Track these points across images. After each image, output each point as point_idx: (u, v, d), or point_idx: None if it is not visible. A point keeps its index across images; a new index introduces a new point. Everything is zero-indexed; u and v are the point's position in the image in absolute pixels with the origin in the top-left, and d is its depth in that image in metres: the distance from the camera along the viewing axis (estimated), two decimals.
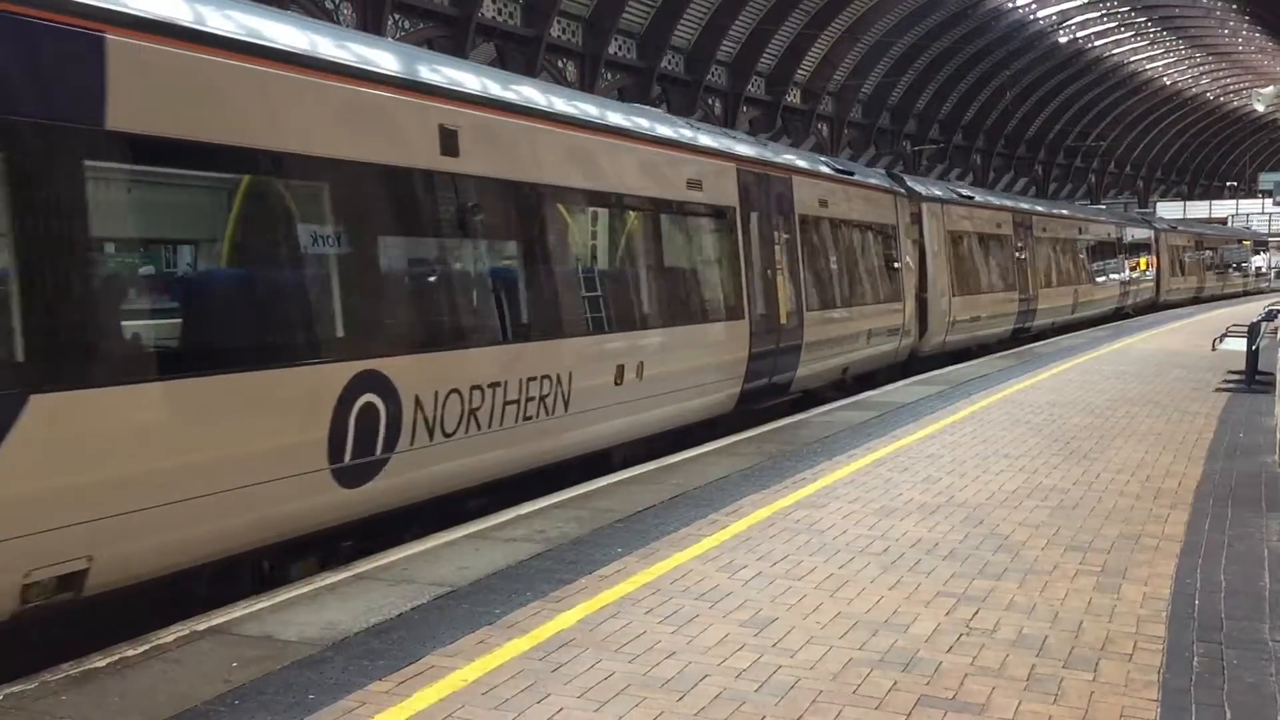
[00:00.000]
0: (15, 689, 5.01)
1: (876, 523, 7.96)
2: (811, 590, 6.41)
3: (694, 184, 12.53)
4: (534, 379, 9.15)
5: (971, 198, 24.43)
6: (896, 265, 19.02)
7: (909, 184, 20.79)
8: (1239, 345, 17.72)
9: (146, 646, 5.53)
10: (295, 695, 4.94)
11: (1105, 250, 34.65)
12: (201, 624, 5.86)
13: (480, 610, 6.07)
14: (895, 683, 5.07)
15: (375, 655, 5.42)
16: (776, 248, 14.34)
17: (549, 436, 9.49)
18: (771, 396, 14.25)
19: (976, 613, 6.01)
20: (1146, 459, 10.39)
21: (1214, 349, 20.90)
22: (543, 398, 9.27)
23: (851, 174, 18.11)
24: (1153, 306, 39.95)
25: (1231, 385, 15.92)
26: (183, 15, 6.48)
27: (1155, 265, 40.89)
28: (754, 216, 13.83)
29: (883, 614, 6.00)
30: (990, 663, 5.30)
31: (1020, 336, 26.06)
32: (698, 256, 12.98)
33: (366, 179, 7.66)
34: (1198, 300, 46.74)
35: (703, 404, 12.49)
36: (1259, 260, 65.60)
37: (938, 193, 22.14)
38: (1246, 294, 56.08)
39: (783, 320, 14.30)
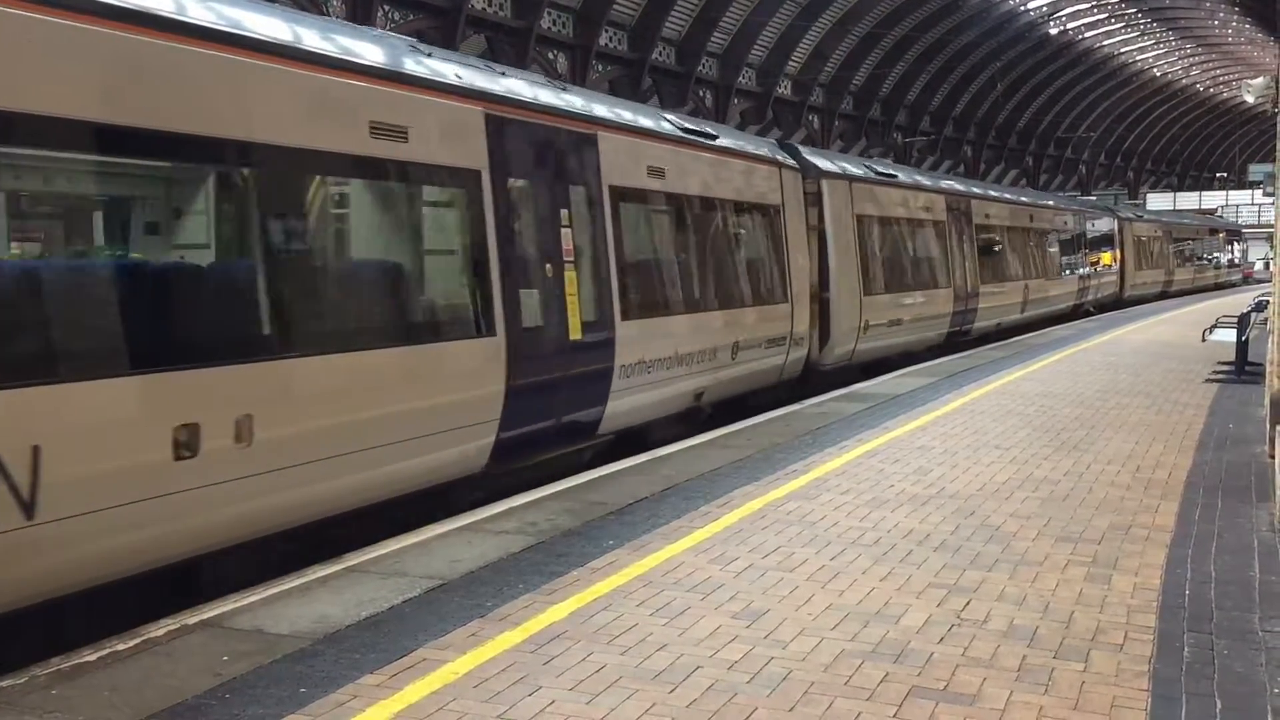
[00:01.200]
0: (4, 684, 4.99)
1: (868, 514, 7.97)
2: (803, 582, 6.42)
3: (387, 131, 8.15)
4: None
5: (894, 176, 20.55)
6: (783, 257, 15.34)
7: (806, 157, 16.99)
8: (1229, 336, 17.78)
9: (137, 640, 5.52)
10: (286, 688, 4.93)
11: (1061, 241, 31.38)
12: (192, 617, 5.85)
13: (472, 603, 6.07)
14: (887, 674, 5.07)
15: (367, 648, 5.41)
16: (566, 231, 10.31)
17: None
18: (560, 444, 10.33)
19: (968, 604, 6.02)
20: (1137, 450, 10.42)
21: (1204, 340, 20.96)
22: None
23: (713, 137, 14.07)
24: (1117, 303, 36.94)
25: (1221, 376, 15.97)
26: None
27: (1119, 258, 37.71)
28: (519, 186, 9.73)
29: (874, 605, 6.00)
30: (981, 653, 5.31)
31: (958, 341, 22.52)
32: (409, 242, 9.08)
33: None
34: (1165, 295, 43.96)
35: (416, 467, 8.39)
36: (1231, 252, 63.03)
37: (847, 168, 18.35)
38: (1219, 287, 54.10)
39: (575, 334, 10.23)
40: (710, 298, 13.32)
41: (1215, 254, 57.32)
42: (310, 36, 7.77)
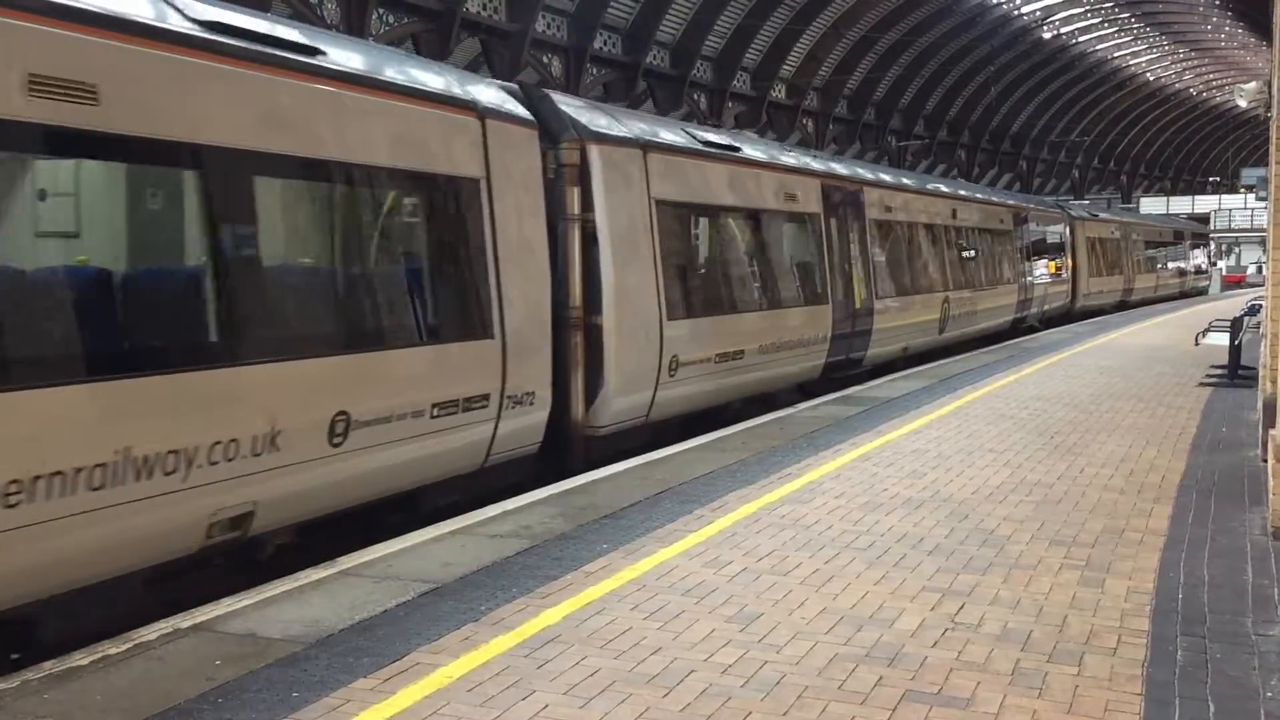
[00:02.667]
0: None
1: (862, 518, 7.97)
2: (797, 585, 6.41)
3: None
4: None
5: (733, 148, 14.42)
6: (483, 265, 9.35)
7: (560, 107, 11.16)
8: (1222, 340, 17.81)
9: (129, 644, 5.50)
10: (279, 693, 4.92)
11: (997, 243, 25.94)
12: (184, 621, 5.83)
13: (465, 607, 6.06)
14: (881, 677, 5.07)
15: (359, 652, 5.39)
16: None
17: None
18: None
19: (961, 607, 6.02)
20: (1130, 453, 10.43)
21: (1197, 344, 21.01)
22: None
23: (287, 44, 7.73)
24: (1067, 316, 31.95)
25: (1214, 380, 16.00)
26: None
27: (1071, 263, 32.72)
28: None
29: (868, 609, 6.00)
30: (975, 657, 5.31)
31: (838, 376, 16.81)
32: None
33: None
34: (1125, 305, 38.91)
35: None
36: (1198, 257, 57.39)
37: (641, 131, 12.24)
38: (1184, 295, 49.52)
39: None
40: (280, 344, 7.32)
41: (1181, 259, 52.18)
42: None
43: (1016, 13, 60.10)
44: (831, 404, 13.99)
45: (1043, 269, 30.01)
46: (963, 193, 25.41)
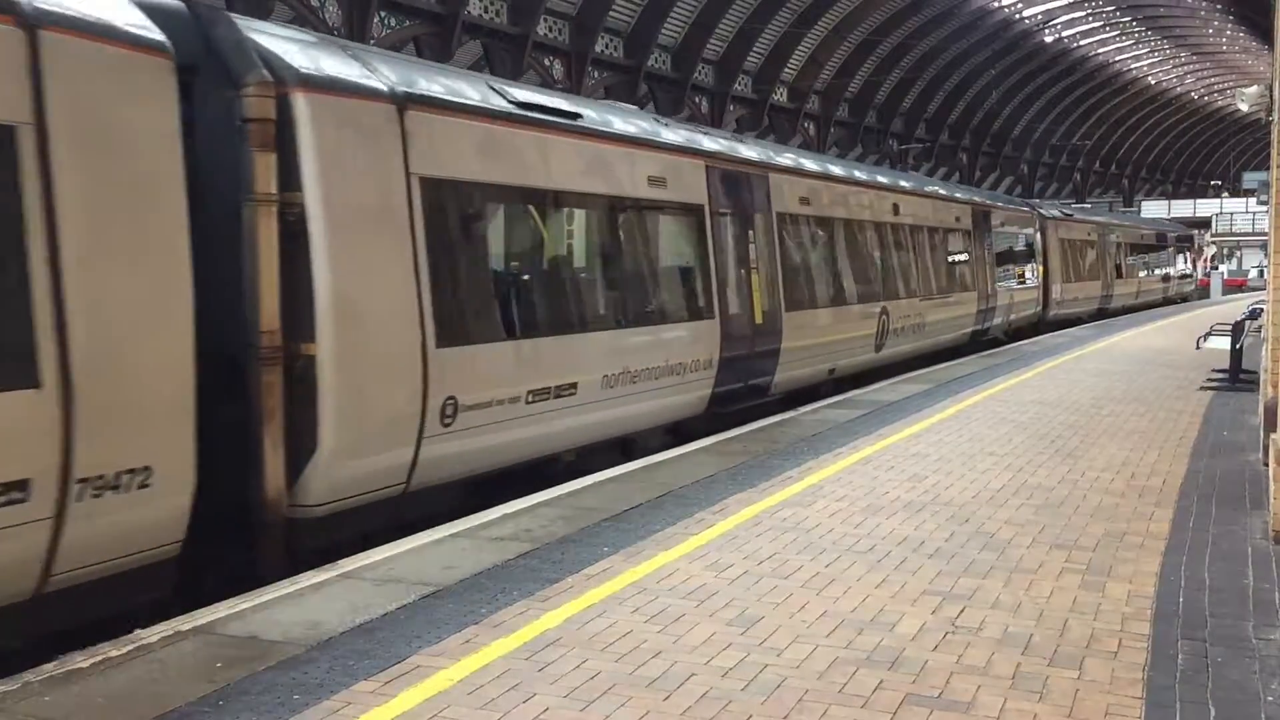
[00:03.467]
0: None
1: (863, 521, 7.97)
2: (798, 589, 6.41)
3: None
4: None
5: (573, 115, 11.12)
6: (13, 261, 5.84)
7: (250, 34, 7.89)
8: (1223, 344, 17.81)
9: (130, 646, 5.50)
10: (280, 695, 4.92)
11: (950, 246, 22.65)
12: (185, 624, 5.84)
13: (466, 610, 6.06)
14: (881, 681, 5.07)
15: (360, 655, 5.40)
16: None
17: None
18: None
19: (962, 611, 6.02)
20: (1131, 457, 10.43)
21: (1198, 347, 21.00)
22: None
23: None
24: (1037, 327, 29.00)
25: (1215, 384, 15.99)
26: None
27: (1041, 268, 29.51)
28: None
29: (869, 612, 6.00)
30: (976, 661, 5.30)
31: (735, 410, 13.45)
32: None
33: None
34: (1103, 313, 35.55)
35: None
36: (1183, 261, 52.79)
37: (393, 80, 8.81)
38: (1168, 301, 45.81)
39: None
40: None
41: (1165, 263, 48.01)
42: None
43: (1018, 16, 60.14)
44: (832, 408, 13.99)
45: (1009, 274, 26.79)
46: (906, 185, 21.47)
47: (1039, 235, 29.36)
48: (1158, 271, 45.83)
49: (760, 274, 14.22)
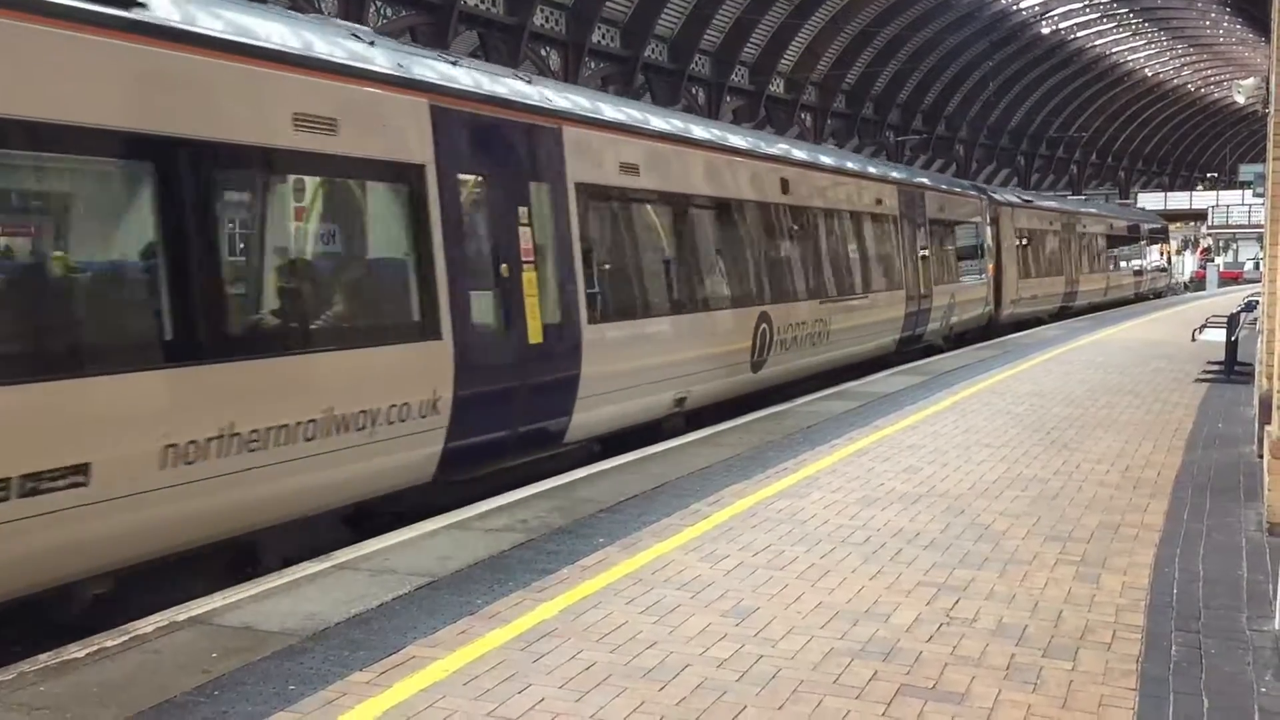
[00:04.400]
0: None
1: (858, 512, 7.98)
2: (793, 580, 6.42)
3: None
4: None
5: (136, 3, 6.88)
6: None
7: None
8: (1218, 336, 17.84)
9: (125, 637, 5.50)
10: (275, 686, 4.92)
11: (870, 235, 18.60)
12: (181, 614, 5.84)
13: (462, 600, 6.06)
14: (876, 672, 5.08)
15: (356, 646, 5.40)
16: None
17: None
18: None
19: (957, 602, 6.03)
20: (1126, 449, 10.44)
21: (1194, 340, 21.04)
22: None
23: None
24: (988, 330, 25.21)
25: (1211, 376, 16.01)
26: None
27: (994, 261, 25.89)
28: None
29: (864, 604, 6.01)
30: (970, 652, 5.31)
31: (479, 476, 9.36)
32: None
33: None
34: (1066, 311, 32.01)
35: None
36: (1155, 255, 48.14)
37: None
38: (1140, 299, 41.87)
39: None
40: None
41: (1137, 256, 43.63)
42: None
43: (1015, 7, 60.11)
44: (828, 399, 14.00)
45: (950, 269, 22.84)
46: (800, 155, 16.82)
47: (989, 224, 25.65)
48: (1129, 265, 41.80)
49: (548, 274, 10.26)
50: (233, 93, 7.23)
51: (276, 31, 7.77)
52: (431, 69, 9.30)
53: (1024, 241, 28.23)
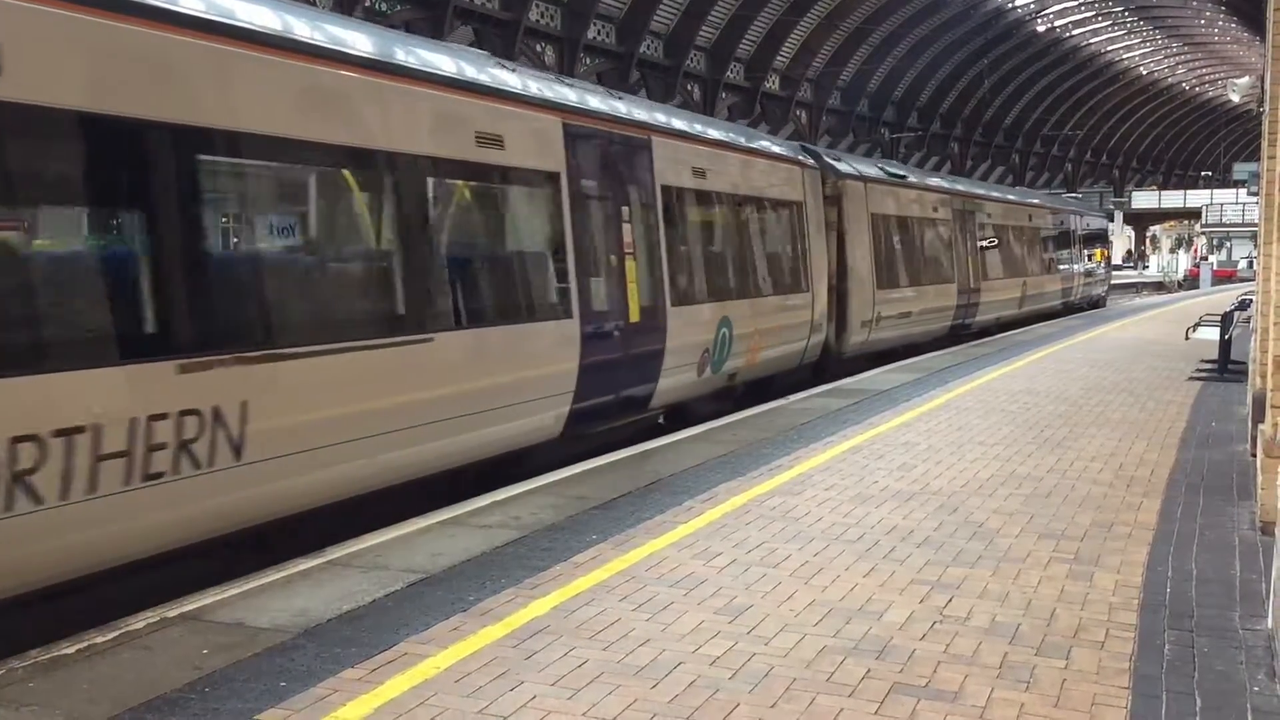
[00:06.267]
0: None
1: (852, 510, 7.97)
2: (786, 578, 6.41)
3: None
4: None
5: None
6: None
7: None
8: (1212, 334, 17.86)
9: (116, 633, 5.48)
10: (266, 682, 4.90)
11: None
12: (172, 610, 5.82)
13: (454, 597, 6.05)
14: (869, 670, 5.07)
15: (348, 642, 5.38)
16: None
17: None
18: None
19: (950, 600, 6.02)
20: (1120, 447, 10.45)
21: (1187, 338, 21.07)
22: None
23: None
24: (820, 369, 17.07)
25: (1204, 374, 16.03)
26: None
27: (828, 262, 17.35)
28: None
29: (857, 601, 6.00)
30: (963, 650, 5.31)
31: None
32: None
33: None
34: (962, 332, 23.53)
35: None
36: (1088, 258, 37.48)
37: None
38: (1071, 309, 33.59)
39: None
40: None
41: (1066, 257, 33.89)
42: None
43: (1010, 5, 60.13)
44: (822, 396, 13.99)
45: (734, 277, 14.43)
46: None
47: (819, 206, 17.08)
48: (1056, 268, 32.21)
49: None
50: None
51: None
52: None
53: (886, 234, 19.70)
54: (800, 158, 17.02)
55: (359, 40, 8.37)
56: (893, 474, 9.18)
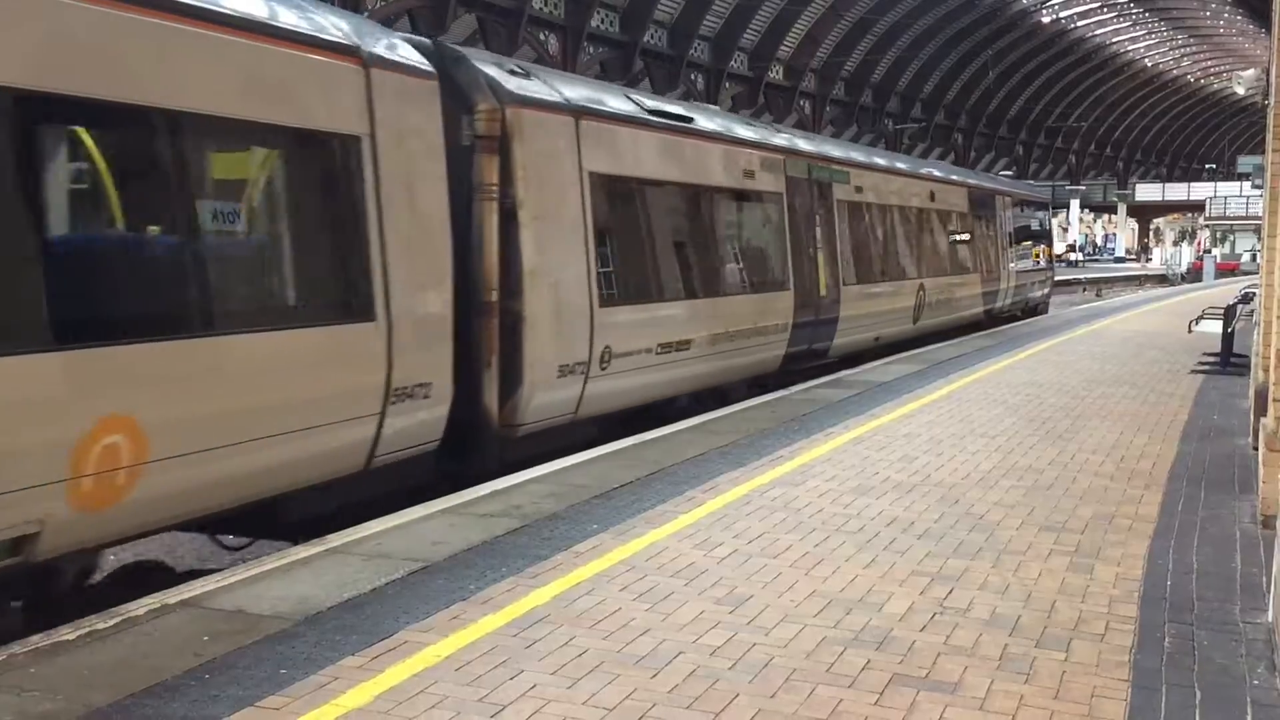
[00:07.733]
0: None
1: (853, 501, 7.97)
2: (787, 568, 6.42)
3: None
4: None
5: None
6: None
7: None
8: (1214, 327, 17.84)
9: (117, 619, 5.49)
10: (267, 669, 4.91)
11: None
12: (173, 597, 5.82)
13: (455, 586, 6.05)
14: (869, 661, 5.07)
15: (348, 630, 5.39)
16: None
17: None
18: None
19: (950, 592, 6.03)
20: (1121, 440, 10.44)
21: (1190, 331, 21.04)
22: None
23: None
24: (572, 442, 10.42)
25: (1206, 367, 16.02)
26: None
27: (512, 268, 9.67)
28: None
29: (857, 592, 6.01)
30: (963, 642, 5.31)
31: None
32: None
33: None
34: (803, 367, 15.84)
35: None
36: (1026, 257, 29.29)
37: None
38: (997, 319, 25.89)
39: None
40: None
41: (995, 253, 25.99)
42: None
43: None
44: (824, 387, 13.99)
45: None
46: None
47: (583, 175, 10.79)
48: (973, 267, 24.35)
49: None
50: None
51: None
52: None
53: (639, 208, 12.16)
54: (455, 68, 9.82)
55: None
56: (894, 465, 9.17)
